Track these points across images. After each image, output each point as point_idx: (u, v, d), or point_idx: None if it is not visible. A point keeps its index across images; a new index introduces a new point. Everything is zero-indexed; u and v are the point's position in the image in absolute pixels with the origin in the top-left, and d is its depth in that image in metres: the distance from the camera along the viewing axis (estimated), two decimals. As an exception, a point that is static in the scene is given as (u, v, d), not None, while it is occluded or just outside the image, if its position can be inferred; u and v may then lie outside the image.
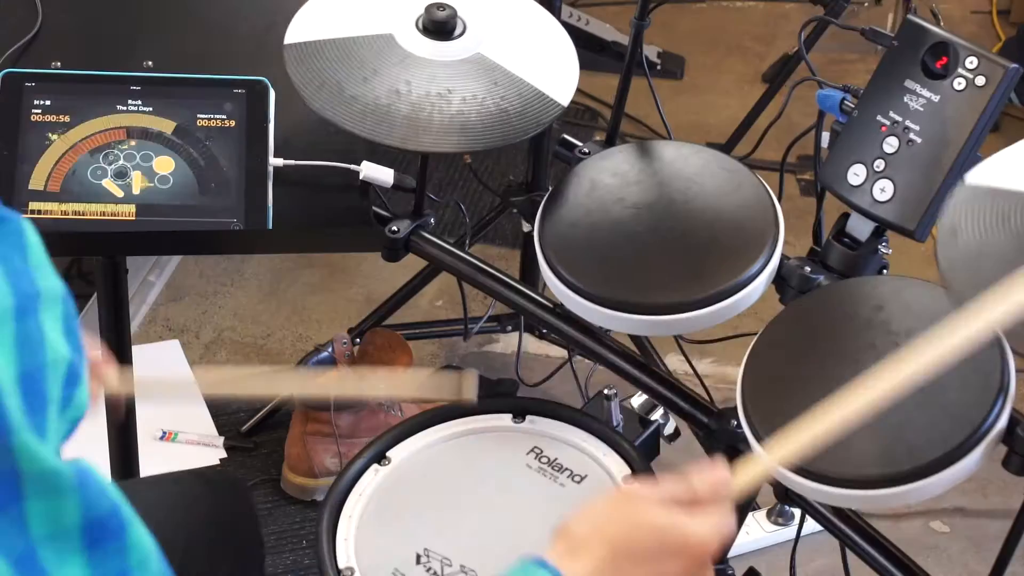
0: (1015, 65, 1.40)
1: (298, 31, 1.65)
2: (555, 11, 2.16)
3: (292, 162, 1.75)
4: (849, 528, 1.42)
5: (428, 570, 1.35)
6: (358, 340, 2.28)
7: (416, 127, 1.57)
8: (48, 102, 1.73)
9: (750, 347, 1.42)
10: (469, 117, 1.58)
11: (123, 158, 1.72)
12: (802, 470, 1.28)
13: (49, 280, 0.70)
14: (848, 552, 1.48)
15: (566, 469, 1.46)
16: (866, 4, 3.45)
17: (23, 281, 0.67)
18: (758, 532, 2.13)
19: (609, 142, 1.81)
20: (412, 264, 2.01)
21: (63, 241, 1.67)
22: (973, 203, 1.22)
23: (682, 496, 0.88)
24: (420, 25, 1.65)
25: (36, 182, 1.66)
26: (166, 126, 1.75)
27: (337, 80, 1.59)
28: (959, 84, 1.42)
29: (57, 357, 0.70)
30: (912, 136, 1.44)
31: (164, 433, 2.25)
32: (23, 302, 0.67)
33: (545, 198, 1.62)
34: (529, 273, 2.41)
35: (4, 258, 0.67)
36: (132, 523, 0.73)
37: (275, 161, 1.75)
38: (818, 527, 1.50)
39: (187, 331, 2.52)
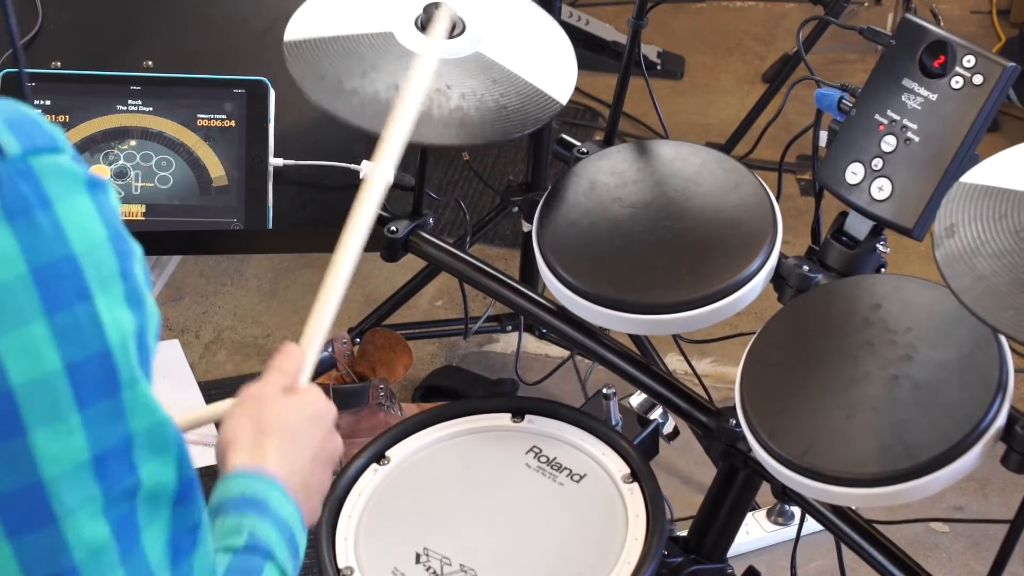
0: (1012, 64, 1.40)
1: (297, 28, 1.65)
2: (555, 11, 2.17)
3: (292, 162, 1.75)
4: (849, 527, 1.43)
5: (427, 569, 1.35)
6: (358, 340, 2.28)
7: (416, 121, 1.56)
8: (48, 102, 1.73)
9: (748, 346, 1.42)
10: (468, 112, 1.58)
11: (123, 158, 1.72)
12: (802, 468, 1.29)
13: (131, 239, 0.73)
14: (847, 552, 1.49)
15: (565, 468, 1.46)
16: (866, 4, 3.45)
17: (121, 241, 0.70)
18: (758, 532, 2.12)
19: (607, 142, 1.81)
20: (412, 264, 2.01)
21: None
22: (970, 202, 1.23)
23: (285, 383, 0.97)
24: (419, 24, 1.65)
25: (36, 182, 1.66)
26: (166, 126, 1.75)
27: (337, 75, 1.59)
28: (957, 83, 1.42)
29: (152, 310, 0.73)
30: (910, 135, 1.44)
31: (164, 433, 2.25)
32: (124, 262, 0.70)
33: (543, 198, 1.62)
34: (529, 273, 2.41)
35: (106, 221, 0.69)
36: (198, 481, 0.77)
37: (275, 161, 1.75)
38: (818, 527, 1.50)
39: (187, 331, 2.52)
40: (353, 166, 1.75)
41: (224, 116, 1.77)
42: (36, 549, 0.66)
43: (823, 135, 1.54)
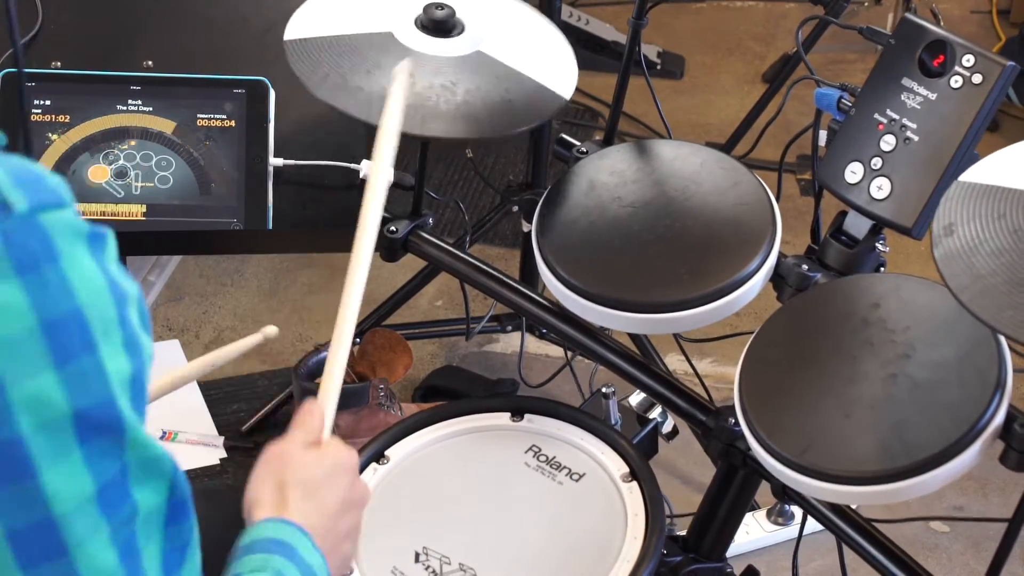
0: (1012, 63, 1.40)
1: (297, 28, 1.65)
2: (555, 11, 2.17)
3: (292, 162, 1.75)
4: (848, 526, 1.43)
5: (427, 568, 1.35)
6: (358, 340, 2.28)
7: (423, 114, 1.56)
8: (48, 102, 1.73)
9: (747, 345, 1.42)
10: (474, 106, 1.59)
11: (123, 158, 1.72)
12: (801, 466, 1.29)
13: (127, 281, 0.76)
14: (847, 551, 1.49)
15: (564, 467, 1.46)
16: (866, 4, 3.45)
17: (117, 290, 0.73)
18: (758, 532, 2.12)
19: (607, 141, 1.81)
20: (412, 264, 2.01)
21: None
22: (969, 201, 1.23)
23: (308, 440, 1.02)
24: (419, 24, 1.66)
25: (36, 182, 1.66)
26: (166, 126, 1.75)
27: (341, 72, 1.59)
28: (956, 82, 1.42)
29: (148, 352, 0.76)
30: (909, 134, 1.44)
31: (164, 433, 2.25)
32: (121, 309, 0.73)
33: (543, 198, 1.62)
34: (529, 273, 2.41)
35: (104, 271, 0.73)
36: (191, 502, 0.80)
37: (275, 161, 1.75)
38: (818, 526, 1.50)
39: (187, 331, 2.52)
40: (353, 166, 1.75)
41: (224, 116, 1.77)
42: None
43: (823, 135, 1.55)
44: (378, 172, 1.19)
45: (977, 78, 1.40)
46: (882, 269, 1.53)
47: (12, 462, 0.68)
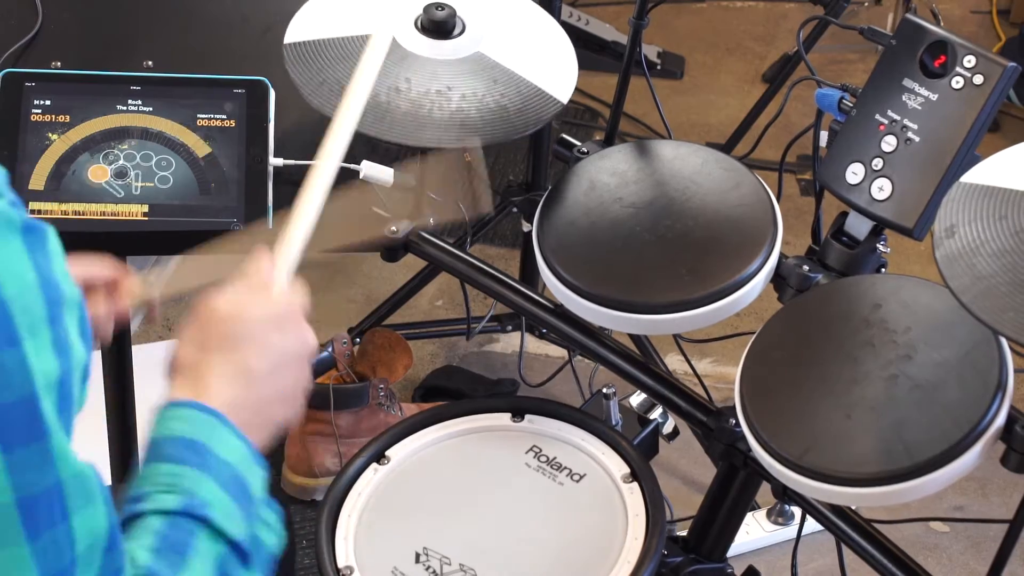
0: (1013, 64, 1.40)
1: (297, 31, 1.65)
2: (555, 11, 2.17)
3: (292, 162, 1.75)
4: (849, 527, 1.43)
5: (427, 569, 1.35)
6: (358, 340, 2.28)
7: (416, 123, 1.57)
8: (48, 102, 1.73)
9: (748, 346, 1.42)
10: (469, 113, 1.58)
11: (123, 158, 1.72)
12: (801, 468, 1.29)
13: (68, 284, 0.73)
14: (847, 552, 1.49)
15: (565, 468, 1.46)
16: (866, 4, 3.45)
17: (50, 288, 0.70)
18: (758, 532, 2.13)
19: (608, 141, 1.81)
20: (412, 264, 2.01)
21: (69, 241, 1.67)
22: (970, 202, 1.23)
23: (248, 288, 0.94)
24: (419, 24, 1.65)
25: (36, 182, 1.66)
26: (166, 126, 1.75)
27: (337, 78, 1.59)
28: (957, 83, 1.42)
29: (79, 358, 0.73)
30: (910, 135, 1.44)
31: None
32: (53, 309, 0.70)
33: (543, 198, 1.62)
34: (529, 273, 2.41)
35: (37, 266, 0.70)
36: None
37: (275, 161, 1.75)
38: (818, 527, 1.50)
39: (187, 331, 2.52)
40: (353, 166, 1.75)
41: (224, 116, 1.77)
42: None
43: (823, 135, 1.54)
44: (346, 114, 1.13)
45: (978, 79, 1.40)
46: (883, 270, 1.53)
47: None
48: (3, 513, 0.68)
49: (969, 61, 1.41)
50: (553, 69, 1.67)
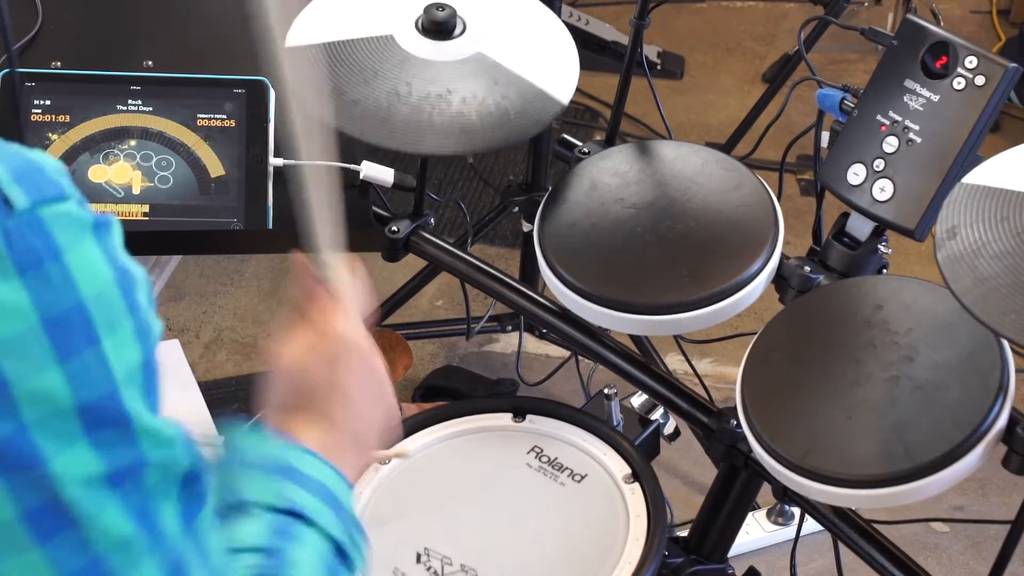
0: (1014, 64, 1.40)
1: (297, 35, 1.65)
2: (555, 11, 2.16)
3: (292, 162, 1.75)
4: (849, 528, 1.43)
5: (428, 569, 1.35)
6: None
7: (417, 129, 1.56)
8: (48, 102, 1.73)
9: (750, 347, 1.42)
10: (469, 117, 1.58)
11: (123, 158, 1.72)
12: (803, 469, 1.29)
13: (134, 265, 0.75)
14: (847, 552, 1.49)
15: (566, 468, 1.46)
16: (866, 4, 3.45)
17: (126, 278, 0.73)
18: (758, 532, 2.13)
19: (609, 142, 1.81)
20: (412, 264, 2.01)
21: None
22: (972, 203, 1.23)
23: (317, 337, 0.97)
24: (420, 25, 1.65)
25: (36, 182, 1.66)
26: (166, 126, 1.75)
27: (338, 84, 1.59)
28: (959, 84, 1.42)
29: (157, 332, 0.76)
30: (912, 136, 1.44)
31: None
32: (129, 298, 0.73)
33: (544, 198, 1.62)
34: (529, 273, 2.41)
35: (111, 261, 0.72)
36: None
37: (275, 161, 1.75)
38: (818, 527, 1.50)
39: (187, 331, 2.52)
40: (353, 166, 1.75)
41: (224, 116, 1.77)
42: (63, 550, 0.70)
43: (825, 136, 1.54)
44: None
45: (980, 80, 1.40)
46: (884, 271, 1.53)
47: (20, 454, 0.69)
48: (98, 485, 0.71)
49: (971, 62, 1.41)
50: (554, 69, 1.66)
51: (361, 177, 1.74)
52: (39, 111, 1.72)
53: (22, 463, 0.69)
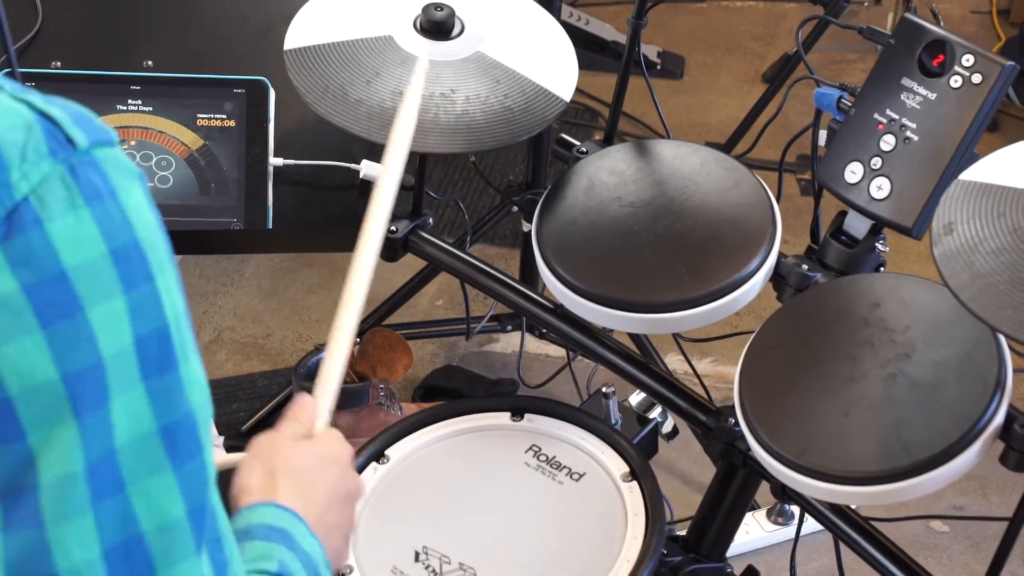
0: (1011, 63, 1.40)
1: (297, 35, 1.65)
2: (555, 11, 2.17)
3: (292, 162, 1.75)
4: (849, 527, 1.43)
5: (427, 567, 1.35)
6: (358, 340, 2.28)
7: (422, 128, 1.56)
8: (48, 102, 1.73)
9: (747, 345, 1.42)
10: (475, 116, 1.59)
11: (123, 158, 1.72)
12: (800, 466, 1.29)
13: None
14: (846, 551, 1.49)
15: (564, 467, 1.46)
16: (866, 4, 3.45)
17: (164, 231, 0.75)
18: (758, 532, 2.13)
19: (607, 141, 1.81)
20: (412, 264, 2.01)
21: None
22: (969, 200, 1.23)
23: (298, 432, 1.00)
24: (418, 25, 1.65)
25: (36, 182, 1.66)
26: (166, 126, 1.75)
27: (340, 84, 1.59)
28: (956, 82, 1.42)
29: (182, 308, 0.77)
30: (909, 134, 1.44)
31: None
32: (168, 252, 0.74)
33: (543, 197, 1.62)
34: (529, 273, 2.41)
35: (155, 212, 0.74)
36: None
37: (275, 161, 1.75)
38: (818, 527, 1.51)
39: (187, 331, 2.52)
40: (353, 166, 1.75)
41: (224, 116, 1.77)
42: (109, 516, 0.70)
43: (822, 134, 1.55)
44: (390, 174, 1.18)
45: (977, 78, 1.40)
46: (882, 269, 1.53)
47: (93, 388, 0.69)
48: (149, 441, 0.72)
49: (967, 60, 1.41)
50: (553, 67, 1.67)
51: (361, 176, 1.75)
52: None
53: (92, 402, 0.69)
